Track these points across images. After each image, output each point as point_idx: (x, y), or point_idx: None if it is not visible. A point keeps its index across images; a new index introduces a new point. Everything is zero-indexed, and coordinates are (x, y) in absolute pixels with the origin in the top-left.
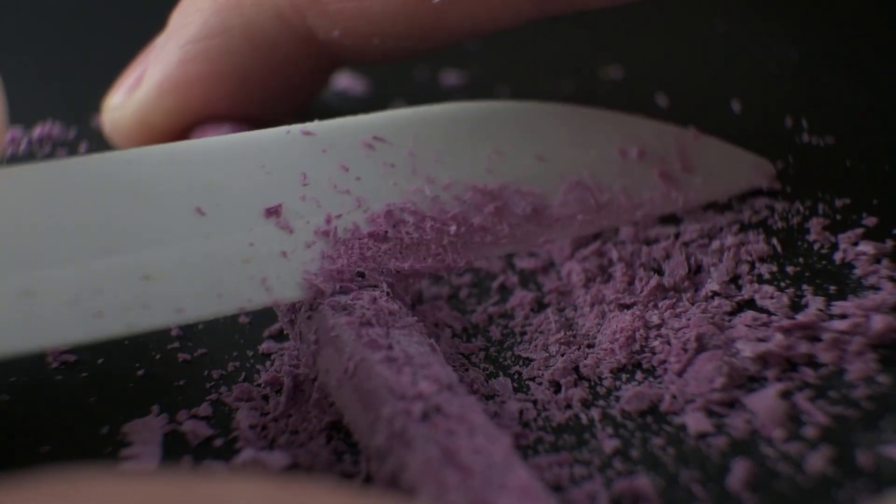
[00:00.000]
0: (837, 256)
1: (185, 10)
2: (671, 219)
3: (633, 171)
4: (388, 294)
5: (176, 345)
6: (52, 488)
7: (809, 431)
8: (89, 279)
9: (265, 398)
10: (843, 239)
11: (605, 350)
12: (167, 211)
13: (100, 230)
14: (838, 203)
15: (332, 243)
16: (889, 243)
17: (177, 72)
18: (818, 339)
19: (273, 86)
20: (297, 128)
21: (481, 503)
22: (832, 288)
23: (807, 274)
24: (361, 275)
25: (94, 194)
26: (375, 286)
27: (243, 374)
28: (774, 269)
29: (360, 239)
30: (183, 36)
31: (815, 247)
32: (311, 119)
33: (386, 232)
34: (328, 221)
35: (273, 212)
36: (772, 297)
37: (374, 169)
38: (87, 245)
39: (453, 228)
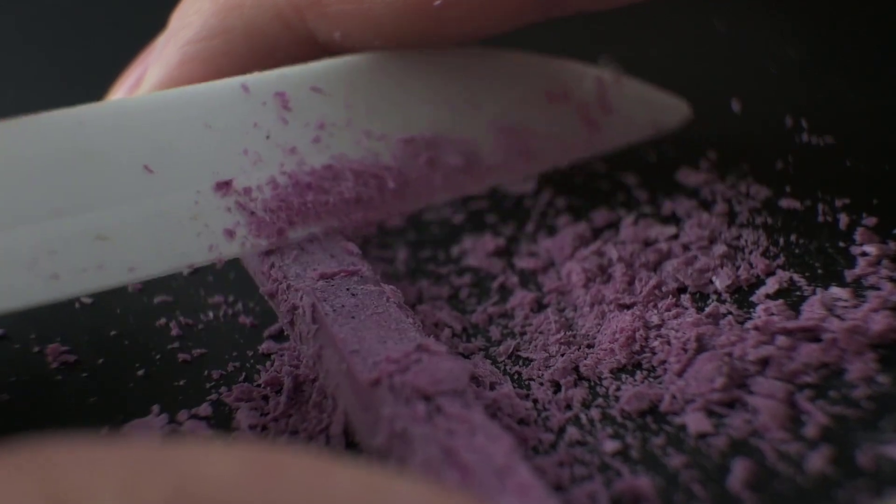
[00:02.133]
0: (838, 257)
1: (185, 10)
2: (671, 219)
3: (558, 116)
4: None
5: (176, 345)
6: (30, 456)
7: (809, 431)
8: (44, 241)
9: (265, 398)
10: (844, 239)
11: (605, 350)
12: (117, 170)
13: (51, 191)
14: (838, 203)
15: (274, 197)
16: (891, 244)
17: (177, 72)
18: (819, 340)
19: None
20: (236, 81)
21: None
22: (833, 286)
23: (807, 274)
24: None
25: (44, 154)
26: (355, 272)
27: (243, 374)
28: (775, 269)
29: (300, 193)
30: (183, 36)
31: (815, 247)
32: None
33: (325, 189)
34: (269, 177)
35: (224, 184)
36: (773, 299)
37: (313, 121)
38: (40, 206)
39: (390, 183)
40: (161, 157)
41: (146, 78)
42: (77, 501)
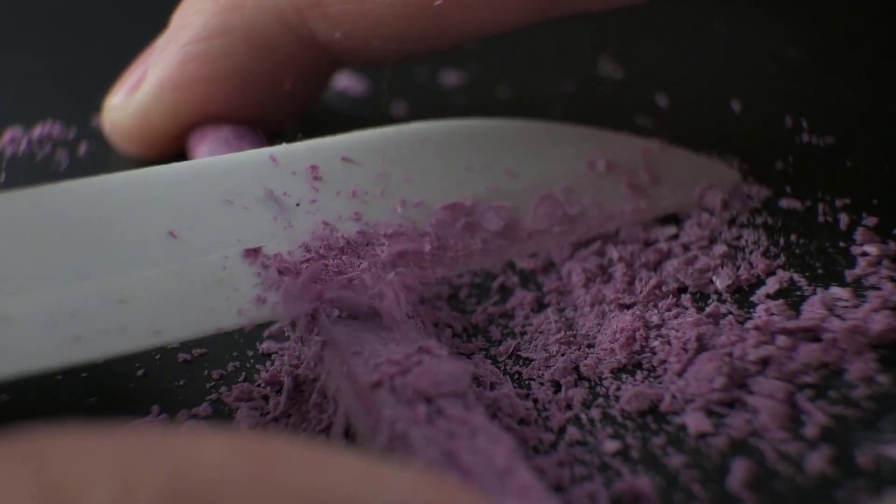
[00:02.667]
0: (838, 257)
1: (186, 11)
2: (671, 219)
3: (601, 184)
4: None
5: (176, 345)
6: (24, 446)
7: (809, 431)
8: (66, 304)
9: (265, 398)
10: (844, 239)
11: (605, 350)
12: (141, 235)
13: (75, 255)
14: (838, 203)
15: (305, 264)
16: (891, 244)
17: (177, 72)
18: (819, 340)
19: (273, 87)
20: (264, 152)
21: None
22: (833, 286)
23: (807, 274)
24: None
25: (69, 220)
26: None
27: (243, 374)
28: (775, 269)
29: (332, 259)
30: (184, 37)
31: (815, 247)
32: (310, 119)
33: (359, 254)
34: (302, 243)
35: (252, 251)
36: (773, 299)
37: (345, 190)
38: (62, 270)
39: (427, 247)
40: (187, 224)
41: (147, 78)
42: (72, 491)
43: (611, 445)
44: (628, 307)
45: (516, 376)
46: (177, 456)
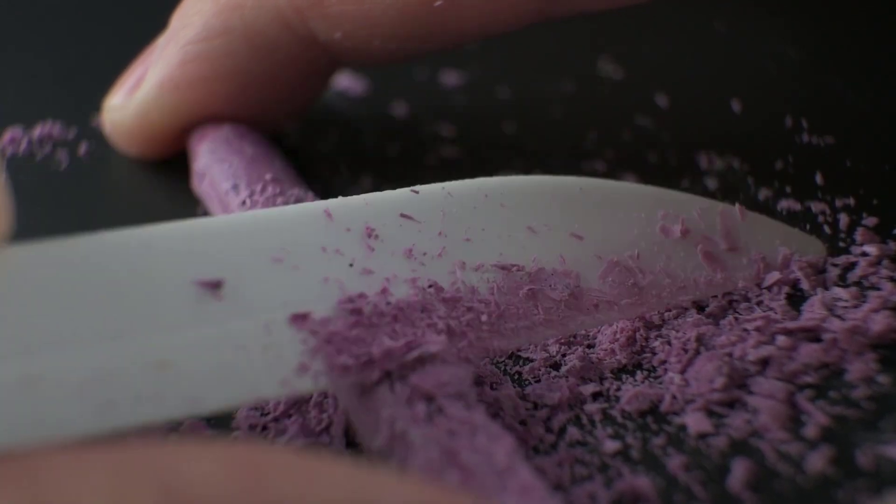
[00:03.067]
0: (839, 257)
1: (186, 11)
2: None
3: (675, 251)
4: None
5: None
6: (16, 463)
7: (809, 431)
8: (100, 366)
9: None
10: (844, 239)
11: (606, 350)
12: (182, 293)
13: (111, 312)
14: (838, 203)
15: (354, 328)
16: (891, 244)
17: (177, 72)
18: (819, 340)
19: (273, 87)
20: (319, 205)
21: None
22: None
23: (808, 275)
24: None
25: (105, 273)
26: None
27: None
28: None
29: (386, 324)
30: (184, 37)
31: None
32: (310, 119)
33: (413, 322)
34: (351, 303)
35: (300, 317)
36: (773, 298)
37: (401, 249)
38: (96, 328)
39: (485, 316)
40: (232, 283)
41: (147, 78)
42: None
43: (611, 445)
44: None
45: (516, 376)
46: (167, 471)
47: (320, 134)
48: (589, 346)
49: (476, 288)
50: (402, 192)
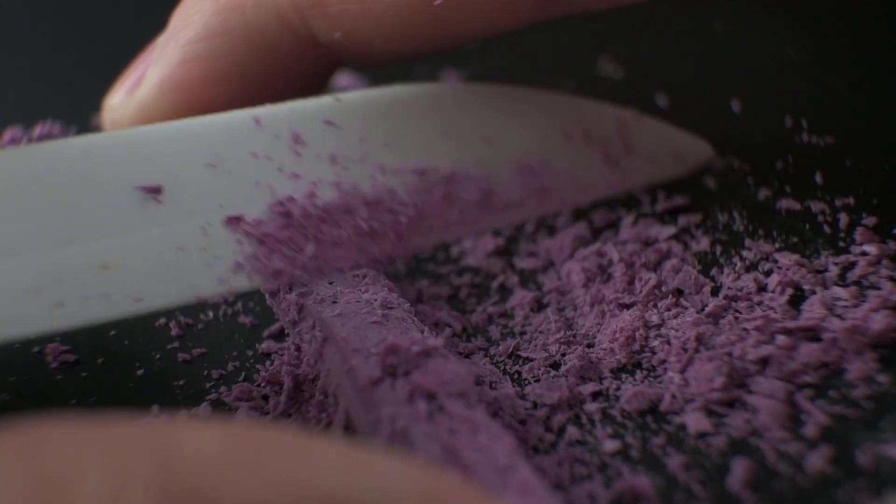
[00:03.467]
0: (839, 257)
1: (186, 10)
2: (671, 218)
3: (577, 154)
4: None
5: (176, 345)
6: (16, 435)
7: (809, 431)
8: (48, 269)
9: (265, 398)
10: (844, 239)
11: (605, 350)
12: (123, 198)
13: (57, 218)
14: (838, 203)
15: (284, 230)
16: (891, 244)
17: (177, 72)
18: (819, 340)
19: (273, 87)
20: (248, 113)
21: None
22: (833, 286)
23: (808, 275)
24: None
25: (49, 182)
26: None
27: (243, 374)
28: (775, 269)
29: (314, 226)
30: (184, 36)
31: (815, 247)
32: None
33: (338, 223)
34: (282, 207)
35: (234, 219)
36: (772, 297)
37: (326, 154)
38: (45, 234)
39: (404, 218)
40: (170, 188)
41: (146, 77)
42: (63, 481)
43: (611, 445)
44: (628, 307)
45: (516, 376)
46: (166, 447)
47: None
48: (589, 346)
49: (395, 190)
50: (325, 100)
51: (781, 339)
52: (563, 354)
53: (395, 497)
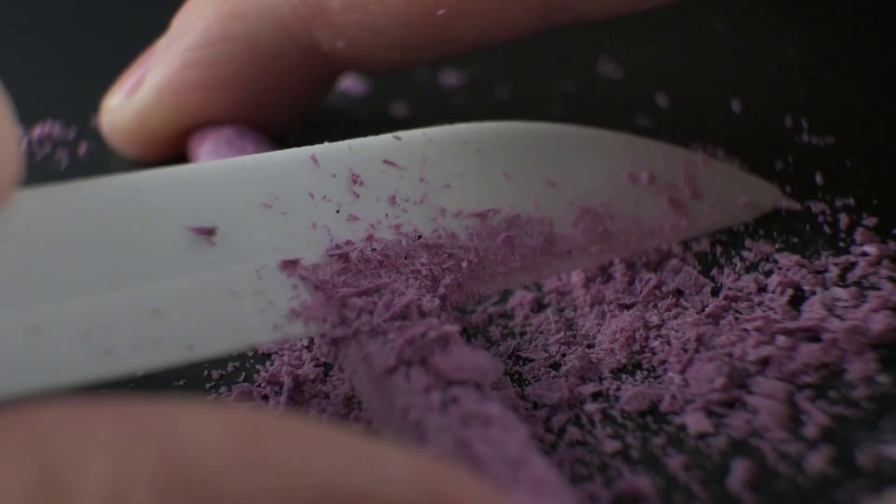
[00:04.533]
0: (839, 257)
1: (188, 15)
2: None
3: (642, 198)
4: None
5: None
6: (20, 419)
7: (809, 431)
8: (98, 314)
9: (265, 398)
10: (844, 239)
11: (605, 350)
12: (175, 240)
13: (106, 261)
14: (838, 203)
15: (342, 278)
16: (891, 244)
17: (177, 77)
18: (819, 340)
19: (274, 93)
20: (305, 151)
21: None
22: (833, 286)
23: (808, 275)
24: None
25: (99, 222)
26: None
27: (243, 374)
28: (775, 269)
29: (371, 270)
30: (184, 42)
31: (815, 247)
32: (311, 119)
33: (397, 268)
34: (338, 250)
35: (290, 263)
36: (772, 298)
37: (385, 195)
38: (94, 277)
39: (465, 263)
40: (223, 229)
41: (146, 80)
42: (67, 467)
43: (611, 445)
44: (628, 307)
45: (516, 376)
46: (169, 437)
47: (321, 134)
48: (589, 346)
49: (456, 234)
50: (385, 138)
51: (781, 340)
52: (564, 355)
53: (397, 486)
